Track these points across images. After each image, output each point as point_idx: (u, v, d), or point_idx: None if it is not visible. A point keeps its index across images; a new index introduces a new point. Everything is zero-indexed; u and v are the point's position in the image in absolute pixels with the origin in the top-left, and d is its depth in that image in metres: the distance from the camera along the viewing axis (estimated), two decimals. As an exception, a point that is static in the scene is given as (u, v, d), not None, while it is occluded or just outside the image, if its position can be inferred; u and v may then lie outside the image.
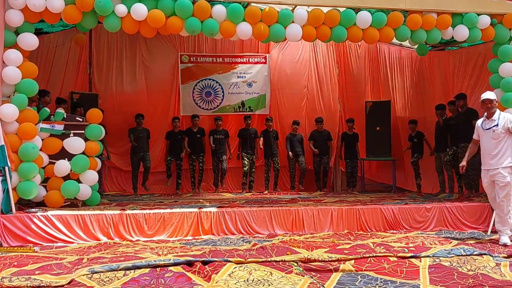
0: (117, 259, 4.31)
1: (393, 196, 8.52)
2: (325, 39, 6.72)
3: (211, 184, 9.86)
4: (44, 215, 5.49)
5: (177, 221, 5.83)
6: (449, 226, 6.39)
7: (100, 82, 9.56)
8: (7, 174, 5.44)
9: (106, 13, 5.90)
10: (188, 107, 10.00)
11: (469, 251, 4.67)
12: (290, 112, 10.36)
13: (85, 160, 6.36)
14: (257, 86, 10.31)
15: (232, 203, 6.87)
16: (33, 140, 5.90)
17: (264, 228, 6.01)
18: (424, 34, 6.76)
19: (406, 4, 6.57)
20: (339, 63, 10.80)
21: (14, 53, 5.75)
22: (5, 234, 5.27)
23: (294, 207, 6.31)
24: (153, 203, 7.20)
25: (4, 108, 5.59)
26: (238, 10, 6.20)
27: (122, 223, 5.68)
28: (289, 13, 6.41)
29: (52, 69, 8.98)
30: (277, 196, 8.80)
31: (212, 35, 6.33)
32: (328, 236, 5.70)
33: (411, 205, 6.54)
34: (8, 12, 5.71)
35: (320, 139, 9.84)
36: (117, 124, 9.38)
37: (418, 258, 4.43)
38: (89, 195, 6.48)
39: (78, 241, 5.46)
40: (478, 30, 6.79)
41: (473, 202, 6.86)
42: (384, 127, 9.77)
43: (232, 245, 5.11)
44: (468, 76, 8.49)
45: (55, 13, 5.85)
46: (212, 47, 10.17)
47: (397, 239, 5.45)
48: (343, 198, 7.91)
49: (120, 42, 9.64)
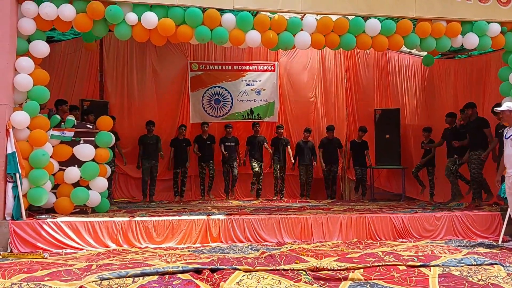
0: (126, 266, 4.31)
1: (402, 204, 8.47)
2: (334, 46, 6.73)
3: (220, 192, 9.87)
4: (53, 221, 5.52)
5: (185, 228, 5.83)
6: (459, 235, 6.33)
7: (111, 90, 9.64)
8: (17, 180, 5.49)
9: (116, 21, 5.97)
10: (197, 115, 10.05)
11: (480, 261, 4.61)
12: (298, 120, 10.40)
13: (95, 167, 6.39)
14: (266, 93, 10.34)
15: (241, 211, 6.87)
16: (44, 147, 5.94)
17: (273, 236, 5.99)
18: (433, 42, 6.75)
19: (415, 12, 6.56)
20: (348, 71, 10.81)
21: (26, 61, 5.82)
22: (15, 240, 5.31)
23: (303, 215, 6.29)
24: (162, 210, 7.22)
25: (16, 115, 5.65)
26: (248, 18, 6.24)
27: (131, 230, 5.69)
28: (298, 21, 6.43)
29: (63, 76, 9.09)
30: (286, 204, 8.78)
31: (222, 43, 6.37)
32: (337, 245, 5.67)
33: (420, 214, 6.49)
34: (20, 20, 5.80)
35: (330, 147, 9.82)
36: (127, 131, 9.46)
37: (427, 267, 4.38)
38: (99, 202, 6.50)
39: (87, 247, 5.48)
40: (488, 38, 6.76)
41: (483, 211, 6.80)
42: (393, 135, 9.74)
43: (241, 253, 5.10)
44: (478, 84, 8.45)
45: (67, 21, 5.93)
46: (221, 55, 10.24)
47: (407, 248, 5.41)
48: (352, 207, 7.88)
49: (130, 50, 9.74)
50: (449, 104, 9.06)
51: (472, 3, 6.63)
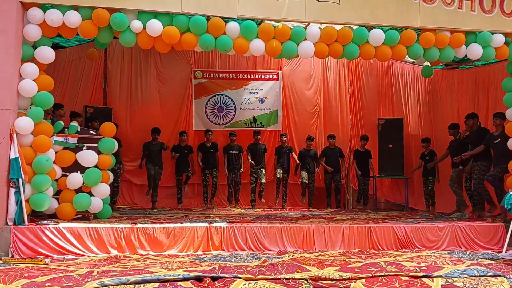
0: (127, 272, 4.30)
1: (405, 214, 8.43)
2: (337, 56, 6.74)
3: (222, 200, 9.86)
4: (55, 227, 5.51)
5: (187, 236, 5.81)
6: (462, 246, 6.29)
7: (115, 96, 9.68)
8: (20, 186, 5.50)
9: (121, 28, 6.01)
10: (200, 122, 10.07)
11: (483, 272, 4.58)
12: (301, 129, 10.39)
13: (97, 173, 6.40)
14: (269, 102, 10.35)
15: (243, 219, 6.85)
16: (47, 152, 5.96)
17: (275, 245, 5.97)
18: (437, 52, 6.75)
19: (419, 22, 6.56)
20: (351, 80, 10.81)
21: (31, 67, 5.85)
22: (17, 245, 5.31)
23: (305, 224, 6.26)
24: (164, 217, 7.21)
25: (20, 121, 5.67)
26: (252, 27, 6.26)
27: (133, 237, 5.68)
28: (301, 31, 6.45)
29: (68, 82, 9.12)
30: (288, 212, 8.75)
31: (226, 51, 6.40)
32: (339, 254, 5.65)
33: (423, 224, 6.46)
34: (26, 26, 5.84)
35: (332, 156, 9.81)
36: (130, 138, 9.48)
37: (430, 278, 4.35)
38: (101, 208, 6.50)
39: (88, 254, 5.47)
40: (492, 48, 6.76)
41: (487, 222, 6.77)
42: (396, 144, 9.72)
43: (242, 261, 5.08)
44: (481, 95, 8.45)
45: (72, 28, 5.97)
46: (225, 63, 10.27)
47: (409, 258, 5.38)
48: (355, 216, 7.85)
49: (135, 57, 9.78)
50: (452, 114, 9.06)
51: (476, 14, 6.64)
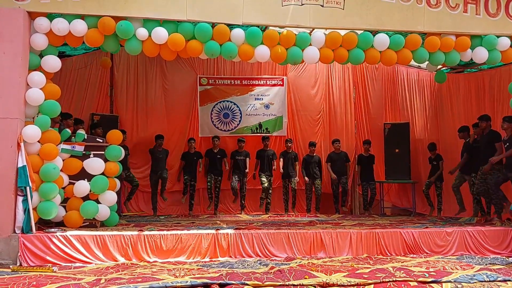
0: (135, 280, 4.30)
1: (413, 219, 8.38)
2: (342, 61, 6.75)
3: (228, 205, 9.85)
4: (63, 235, 5.52)
5: (194, 243, 5.80)
6: (470, 251, 6.23)
7: (121, 104, 9.72)
8: (28, 194, 5.52)
9: (127, 36, 6.04)
10: (206, 129, 10.09)
11: (493, 277, 4.54)
12: (306, 134, 10.38)
13: (104, 180, 6.42)
14: (274, 108, 10.36)
15: (250, 225, 6.84)
16: (54, 160, 5.98)
17: (282, 251, 5.94)
18: (442, 56, 6.74)
19: (424, 26, 6.56)
20: (356, 85, 10.79)
21: (38, 75, 5.89)
22: (25, 253, 5.33)
23: (312, 230, 6.24)
24: (171, 224, 7.21)
25: (28, 129, 5.70)
26: (257, 33, 6.28)
27: (140, 244, 5.68)
28: (306, 36, 6.46)
29: (74, 91, 9.18)
30: (295, 218, 8.73)
31: (231, 58, 6.42)
32: (347, 260, 5.61)
33: (431, 229, 6.41)
34: (33, 36, 5.89)
35: (338, 161, 9.78)
36: (136, 145, 9.51)
37: (439, 283, 4.32)
38: (108, 216, 6.52)
39: (96, 261, 5.47)
40: (498, 52, 6.74)
41: (496, 226, 6.71)
42: (403, 149, 9.68)
43: (249, 268, 5.07)
44: (487, 98, 8.41)
45: (78, 37, 6.01)
46: (230, 69, 10.30)
47: (417, 264, 5.34)
48: (362, 221, 7.81)
49: (141, 64, 9.83)
50: (459, 118, 9.02)
51: (481, 17, 6.63)
